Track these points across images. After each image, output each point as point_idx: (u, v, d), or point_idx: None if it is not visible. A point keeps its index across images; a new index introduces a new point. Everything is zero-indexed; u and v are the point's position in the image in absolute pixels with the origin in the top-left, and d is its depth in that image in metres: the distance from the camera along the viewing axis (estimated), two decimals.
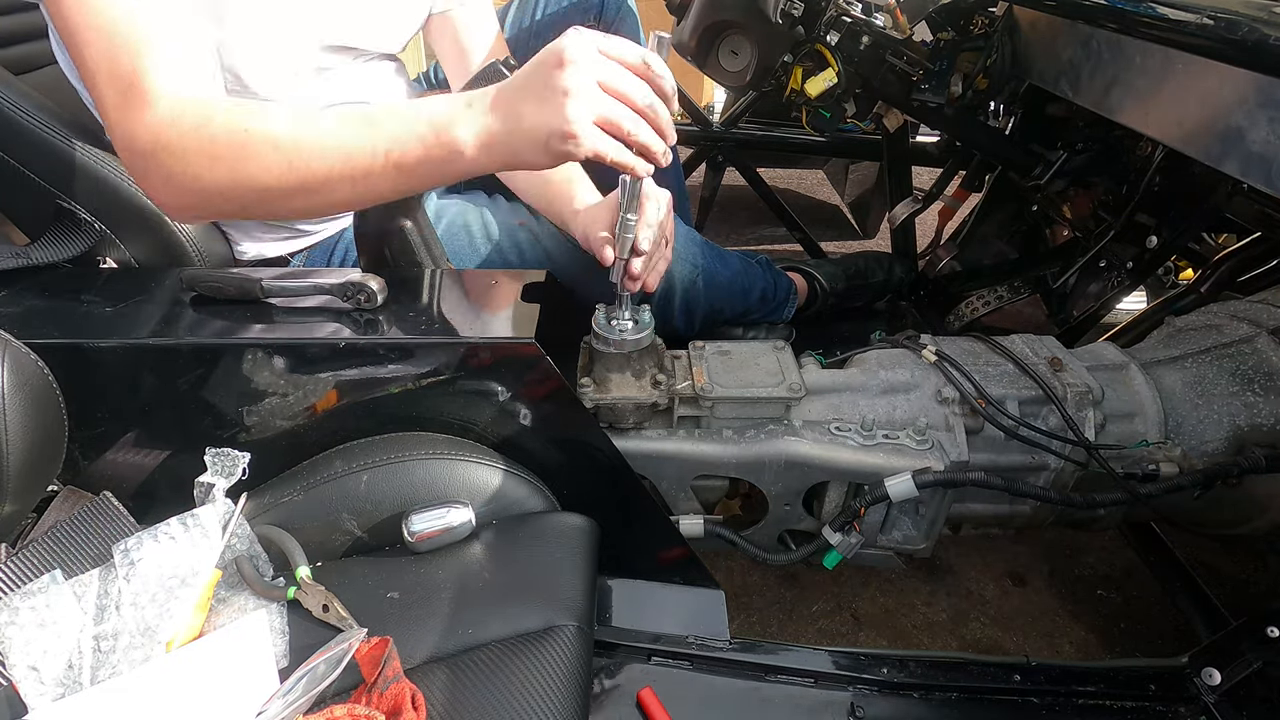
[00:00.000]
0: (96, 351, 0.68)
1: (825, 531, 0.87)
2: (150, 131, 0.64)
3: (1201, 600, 1.00)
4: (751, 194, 1.96)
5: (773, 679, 0.79)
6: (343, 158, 0.64)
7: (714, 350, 0.92)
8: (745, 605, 1.22)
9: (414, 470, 0.73)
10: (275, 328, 0.72)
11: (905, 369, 0.92)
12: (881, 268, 1.53)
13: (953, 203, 1.62)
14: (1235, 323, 0.99)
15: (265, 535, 0.69)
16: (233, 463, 0.70)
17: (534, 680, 0.60)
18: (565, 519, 0.76)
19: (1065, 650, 1.17)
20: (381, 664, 0.58)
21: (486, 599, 0.66)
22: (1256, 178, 0.82)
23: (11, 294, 0.74)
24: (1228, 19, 0.81)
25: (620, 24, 1.16)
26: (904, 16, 1.21)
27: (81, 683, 0.59)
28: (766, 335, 1.31)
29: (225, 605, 0.66)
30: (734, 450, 0.85)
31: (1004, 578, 1.28)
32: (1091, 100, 1.08)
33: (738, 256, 1.24)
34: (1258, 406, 0.92)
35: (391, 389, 0.73)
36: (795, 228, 1.94)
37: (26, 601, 0.60)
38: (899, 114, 1.47)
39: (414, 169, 0.64)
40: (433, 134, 0.63)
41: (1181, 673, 0.81)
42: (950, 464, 0.84)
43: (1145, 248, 1.24)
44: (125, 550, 0.64)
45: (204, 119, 0.64)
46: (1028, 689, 0.80)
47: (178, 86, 0.65)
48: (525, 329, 0.72)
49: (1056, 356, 0.93)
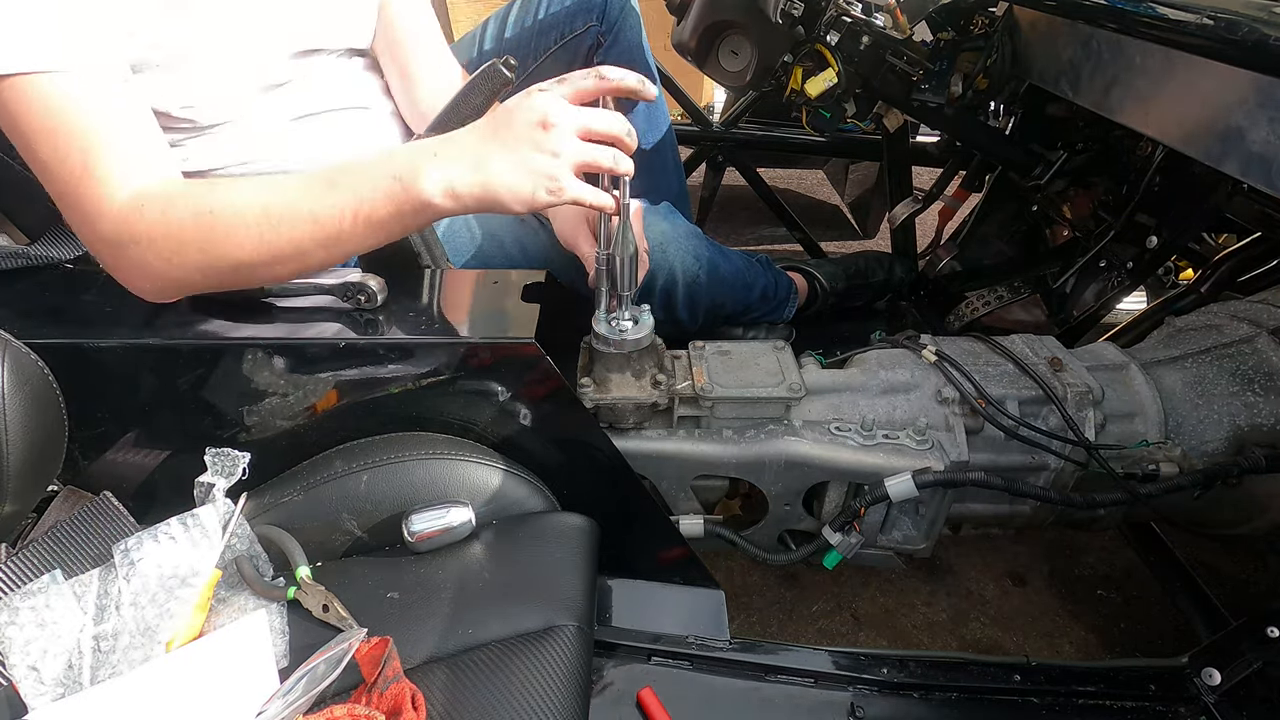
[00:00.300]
0: (96, 351, 0.68)
1: (825, 531, 0.87)
2: (112, 225, 0.64)
3: (1201, 600, 1.00)
4: (751, 194, 1.95)
5: (773, 679, 0.79)
6: (312, 224, 0.64)
7: (714, 350, 0.92)
8: (745, 605, 1.22)
9: (414, 470, 0.73)
10: (275, 328, 0.72)
11: (905, 369, 0.92)
12: (881, 268, 1.53)
13: (953, 203, 1.62)
14: (1235, 323, 0.99)
15: (265, 535, 0.69)
16: (233, 463, 0.70)
17: (534, 680, 0.60)
18: (565, 519, 0.76)
19: (1065, 650, 1.17)
20: (381, 664, 0.58)
21: (486, 599, 0.66)
22: (1256, 178, 0.82)
23: (11, 294, 0.74)
24: (1228, 19, 0.81)
25: (622, 23, 1.16)
26: (904, 16, 1.20)
27: (81, 683, 0.59)
28: (766, 335, 1.31)
29: (225, 605, 0.66)
30: (734, 450, 0.85)
31: (1004, 578, 1.28)
32: (1091, 100, 1.08)
33: (739, 254, 1.25)
34: (1258, 406, 0.92)
35: (391, 389, 0.74)
36: (795, 228, 1.94)
37: (26, 601, 0.60)
38: (899, 114, 1.47)
39: (385, 223, 0.65)
40: (400, 188, 0.63)
41: (1181, 673, 0.81)
42: (950, 464, 0.84)
43: (1145, 248, 1.24)
44: (125, 550, 0.64)
45: (167, 205, 0.64)
46: (1028, 689, 0.80)
47: (135, 177, 0.64)
48: (525, 329, 0.72)
49: (1056, 356, 0.93)
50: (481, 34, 1.22)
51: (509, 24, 1.18)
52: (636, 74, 0.67)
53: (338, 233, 0.65)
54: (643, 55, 1.20)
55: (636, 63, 1.19)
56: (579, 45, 1.16)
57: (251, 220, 0.64)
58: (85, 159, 0.62)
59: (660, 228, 1.06)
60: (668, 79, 1.64)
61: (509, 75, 0.73)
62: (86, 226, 0.65)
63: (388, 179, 0.63)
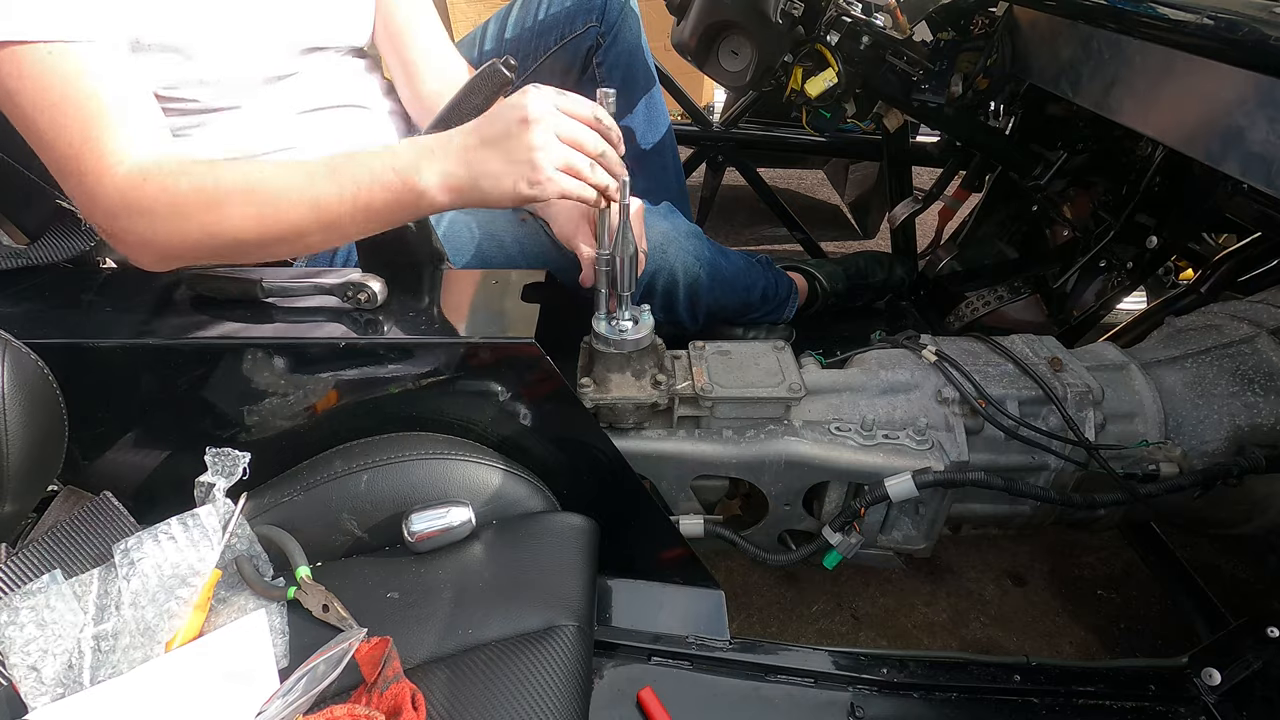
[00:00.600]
0: (96, 351, 0.68)
1: (825, 531, 0.87)
2: (114, 196, 0.65)
3: (1201, 600, 1.00)
4: (751, 194, 1.95)
5: (773, 679, 0.79)
6: (312, 208, 0.66)
7: (714, 350, 0.92)
8: (745, 605, 1.22)
9: (414, 470, 0.73)
10: (275, 328, 0.72)
11: (905, 369, 0.92)
12: (881, 268, 1.53)
13: (953, 203, 1.62)
14: (1235, 323, 0.99)
15: (265, 535, 0.70)
16: (233, 463, 0.70)
17: (534, 680, 0.60)
18: (565, 519, 0.76)
19: (1065, 650, 1.17)
20: (381, 664, 0.58)
21: (486, 599, 0.66)
22: (1256, 178, 0.82)
23: (11, 294, 0.75)
24: (1228, 19, 0.81)
25: (622, 24, 1.16)
26: (904, 16, 1.20)
27: (81, 683, 0.59)
28: (766, 335, 1.31)
29: (225, 605, 0.66)
30: (734, 450, 0.85)
31: (1004, 578, 1.28)
32: (1091, 100, 1.08)
33: (740, 254, 1.25)
34: (1258, 406, 0.92)
35: (391, 389, 0.74)
36: (795, 228, 1.93)
37: (26, 601, 0.60)
38: (899, 114, 1.47)
39: (381, 212, 0.68)
40: (399, 180, 0.66)
41: (1181, 673, 0.81)
42: (950, 464, 0.84)
43: (1145, 248, 1.24)
44: (125, 550, 0.64)
45: (170, 179, 0.65)
46: (1028, 689, 0.80)
47: (138, 149, 0.66)
48: (525, 329, 0.72)
49: (1056, 356, 0.93)
50: (482, 35, 1.22)
51: (509, 25, 1.18)
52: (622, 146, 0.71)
53: (336, 219, 0.67)
54: (642, 56, 1.20)
55: (636, 63, 1.19)
56: (579, 46, 1.16)
57: (253, 200, 0.66)
58: (86, 129, 0.64)
59: (661, 228, 1.06)
60: (668, 79, 1.64)
61: (509, 75, 0.73)
62: (86, 196, 0.66)
63: (387, 171, 0.66)
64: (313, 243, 0.70)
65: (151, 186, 0.65)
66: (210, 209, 0.66)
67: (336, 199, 0.66)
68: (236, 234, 0.67)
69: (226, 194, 0.66)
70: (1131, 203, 1.24)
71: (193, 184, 0.65)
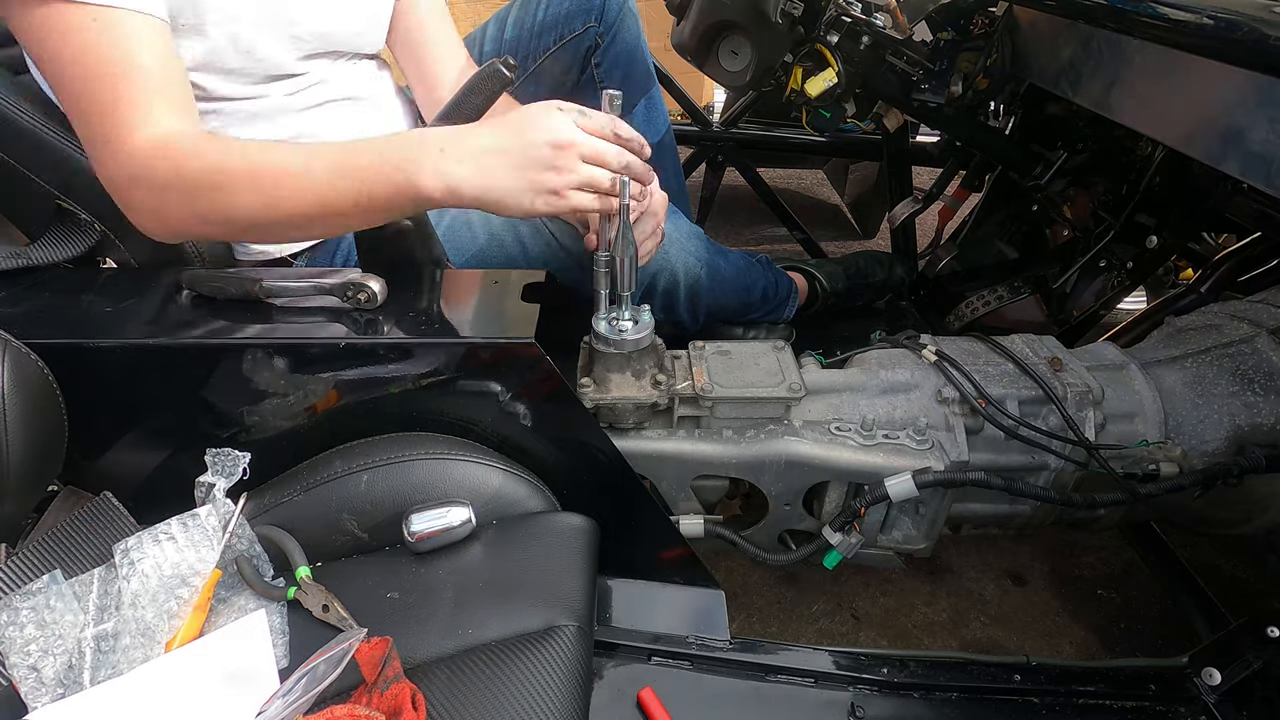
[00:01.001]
0: (96, 351, 0.68)
1: (825, 531, 0.87)
2: (129, 165, 0.66)
3: (1201, 600, 1.00)
4: (751, 194, 1.95)
5: (773, 679, 0.79)
6: (316, 197, 0.68)
7: (714, 350, 0.92)
8: (745, 605, 1.22)
9: (414, 470, 0.73)
10: (275, 328, 0.72)
11: (905, 369, 0.92)
12: (881, 268, 1.53)
13: (953, 203, 1.62)
14: (1235, 323, 0.99)
15: (265, 535, 0.70)
16: (233, 463, 0.70)
17: (534, 680, 0.60)
18: (565, 519, 0.76)
19: (1065, 650, 1.17)
20: (381, 664, 0.58)
21: (486, 599, 0.66)
22: (1256, 178, 0.82)
23: (11, 294, 0.74)
24: (1228, 19, 0.81)
25: (621, 24, 1.16)
26: (904, 16, 1.20)
27: (81, 683, 0.59)
28: (766, 335, 1.31)
29: (225, 605, 0.66)
30: (734, 450, 0.85)
31: (1004, 578, 1.28)
32: (1091, 100, 1.08)
33: (740, 254, 1.25)
34: (1258, 406, 0.92)
35: (391, 389, 0.73)
36: (795, 228, 1.93)
37: (26, 601, 0.60)
38: (899, 114, 1.47)
39: (383, 205, 0.69)
40: (402, 177, 0.67)
41: (1181, 673, 0.81)
42: (950, 464, 0.84)
43: (1145, 248, 1.24)
44: (125, 550, 0.64)
45: (182, 157, 0.66)
46: (1028, 689, 0.80)
47: (164, 121, 0.67)
48: (525, 329, 0.72)
49: (1056, 356, 0.93)
50: (481, 35, 1.22)
51: (508, 25, 1.18)
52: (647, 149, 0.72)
53: (338, 209, 0.68)
54: (641, 56, 1.20)
55: (635, 63, 1.19)
56: (578, 46, 1.16)
57: (260, 186, 0.67)
58: (117, 94, 0.65)
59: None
60: (668, 79, 1.64)
61: (509, 75, 0.73)
62: (108, 158, 0.67)
63: (391, 166, 0.66)
64: (315, 232, 0.72)
65: (166, 162, 0.66)
66: (218, 190, 0.67)
67: (339, 192, 0.67)
68: (243, 216, 0.68)
69: (233, 178, 0.67)
70: (1131, 202, 1.24)
71: (204, 165, 0.66)
